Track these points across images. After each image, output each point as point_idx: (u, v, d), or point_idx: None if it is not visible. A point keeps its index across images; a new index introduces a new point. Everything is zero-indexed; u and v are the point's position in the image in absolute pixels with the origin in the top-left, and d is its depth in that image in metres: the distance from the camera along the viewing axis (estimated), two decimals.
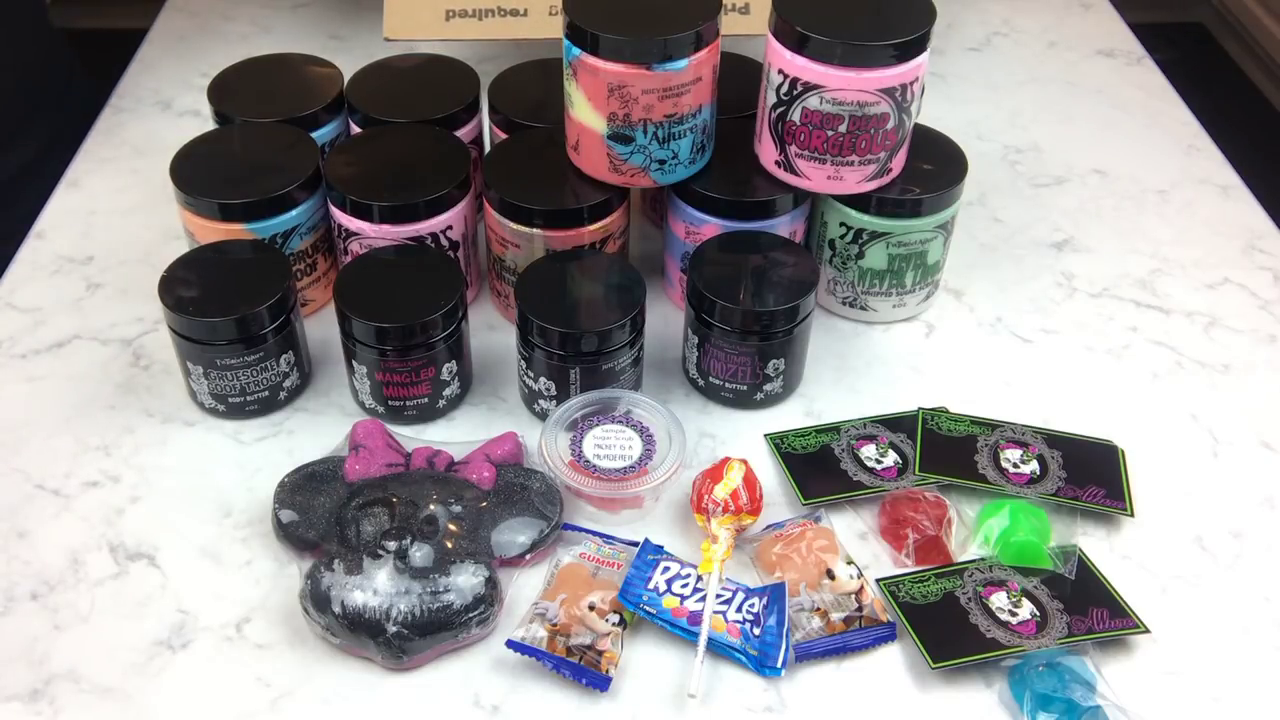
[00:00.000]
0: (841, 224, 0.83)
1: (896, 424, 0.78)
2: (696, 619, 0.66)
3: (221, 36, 1.17)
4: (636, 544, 0.70)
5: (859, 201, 0.81)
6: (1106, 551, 0.72)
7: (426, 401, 0.78)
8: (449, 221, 0.81)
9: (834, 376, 0.83)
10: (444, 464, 0.72)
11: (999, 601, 0.67)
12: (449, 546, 0.67)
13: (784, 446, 0.77)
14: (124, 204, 0.97)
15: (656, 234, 0.93)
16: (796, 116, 0.77)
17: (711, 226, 0.81)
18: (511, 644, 0.64)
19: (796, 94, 0.76)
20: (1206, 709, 0.65)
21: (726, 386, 0.79)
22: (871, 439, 0.77)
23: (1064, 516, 0.73)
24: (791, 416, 0.80)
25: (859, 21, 0.74)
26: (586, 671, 0.64)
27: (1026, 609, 0.67)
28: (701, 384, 0.80)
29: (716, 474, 0.71)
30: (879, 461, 0.75)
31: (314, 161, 0.83)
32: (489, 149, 0.92)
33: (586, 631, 0.65)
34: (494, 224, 0.82)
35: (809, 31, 0.73)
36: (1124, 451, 0.77)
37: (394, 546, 0.67)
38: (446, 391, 0.78)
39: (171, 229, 0.92)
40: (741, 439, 0.78)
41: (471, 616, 0.65)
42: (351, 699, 0.64)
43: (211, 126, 0.89)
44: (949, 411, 0.79)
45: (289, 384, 0.79)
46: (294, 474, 0.72)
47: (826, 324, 0.87)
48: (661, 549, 0.70)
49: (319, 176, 0.83)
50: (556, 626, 0.65)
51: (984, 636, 0.66)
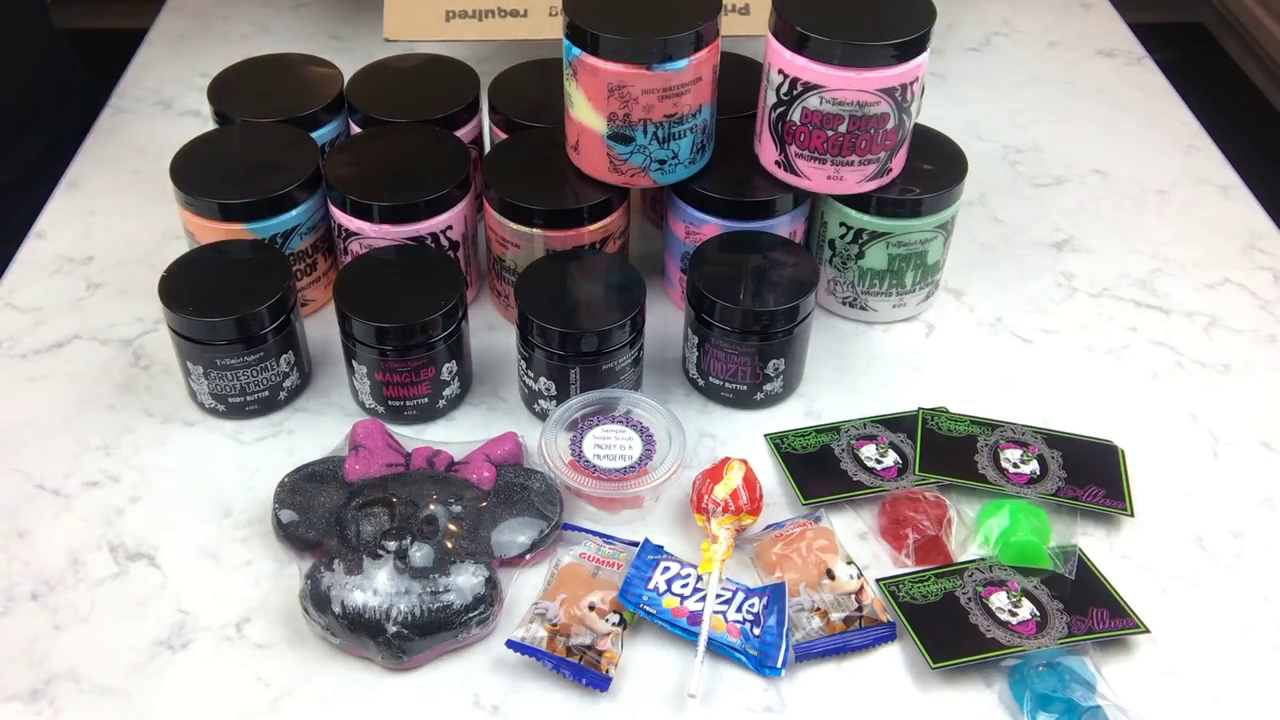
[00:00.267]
0: (841, 224, 0.83)
1: (896, 424, 0.78)
2: (696, 619, 0.66)
3: (221, 36, 1.17)
4: (636, 544, 0.70)
5: (859, 201, 0.81)
6: (1106, 551, 0.72)
7: (426, 401, 0.78)
8: (449, 221, 0.81)
9: (834, 376, 0.83)
10: (444, 464, 0.72)
11: (999, 601, 0.67)
12: (449, 546, 0.67)
13: (784, 446, 0.77)
14: (124, 204, 0.97)
15: (656, 234, 0.93)
16: (796, 116, 0.77)
17: (711, 226, 0.81)
18: (511, 644, 0.64)
19: (796, 94, 0.76)
20: (1206, 709, 0.65)
21: (726, 386, 0.79)
22: (871, 439, 0.77)
23: (1064, 516, 0.73)
24: (791, 416, 0.80)
25: (859, 21, 0.74)
26: (586, 671, 0.64)
27: (1026, 609, 0.67)
28: (701, 384, 0.80)
29: (716, 474, 0.71)
30: (879, 461, 0.75)
31: (314, 161, 0.83)
32: (489, 149, 0.92)
33: (586, 631, 0.65)
34: (494, 224, 0.82)
35: (809, 31, 0.73)
36: (1124, 451, 0.77)
37: (394, 546, 0.66)
38: (446, 391, 0.78)
39: (171, 229, 0.92)
40: (741, 439, 0.78)
41: (471, 616, 0.65)
42: (351, 699, 0.64)
43: (211, 126, 0.89)
44: (949, 411, 0.79)
45: (289, 384, 0.79)
46: (294, 474, 0.72)
47: (826, 324, 0.87)
48: (661, 549, 0.70)
49: (319, 176, 0.83)
50: (556, 626, 0.65)
51: (984, 636, 0.66)
